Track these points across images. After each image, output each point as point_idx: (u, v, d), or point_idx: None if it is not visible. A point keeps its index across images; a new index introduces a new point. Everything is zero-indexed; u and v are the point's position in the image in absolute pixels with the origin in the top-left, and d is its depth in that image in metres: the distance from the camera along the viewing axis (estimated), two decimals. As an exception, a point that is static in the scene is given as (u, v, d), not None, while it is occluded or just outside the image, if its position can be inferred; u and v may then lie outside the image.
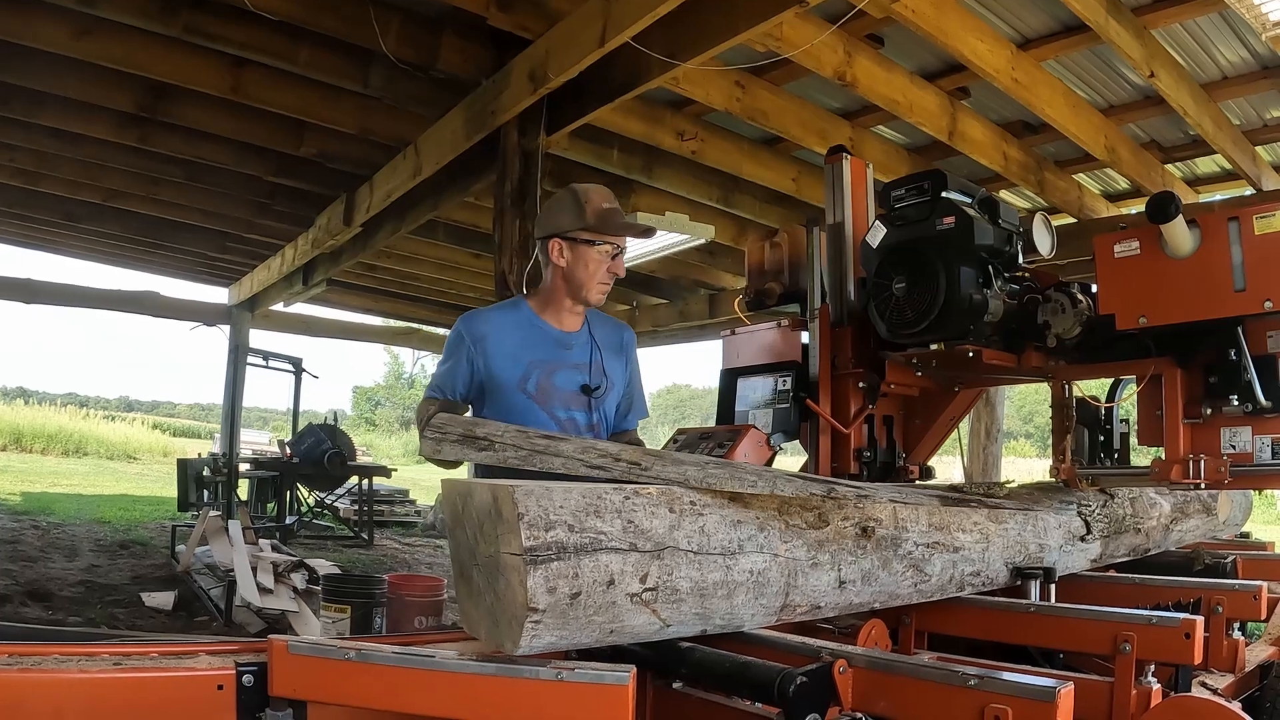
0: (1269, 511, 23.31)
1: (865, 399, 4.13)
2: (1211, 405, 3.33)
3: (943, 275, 3.55)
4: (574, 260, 3.56)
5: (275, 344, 16.36)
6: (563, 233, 3.55)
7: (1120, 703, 2.76)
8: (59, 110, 7.67)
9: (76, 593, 8.40)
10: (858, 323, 4.13)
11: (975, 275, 3.58)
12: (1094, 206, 8.79)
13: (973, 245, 3.58)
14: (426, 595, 6.21)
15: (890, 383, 4.11)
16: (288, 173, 8.99)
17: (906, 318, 3.67)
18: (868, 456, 4.20)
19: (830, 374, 4.14)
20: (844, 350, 4.13)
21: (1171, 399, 3.38)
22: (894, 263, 3.76)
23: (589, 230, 3.52)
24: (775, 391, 4.37)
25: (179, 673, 2.17)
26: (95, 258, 14.06)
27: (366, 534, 14.61)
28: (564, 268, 3.58)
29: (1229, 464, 3.31)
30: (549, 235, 3.60)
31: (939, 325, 3.60)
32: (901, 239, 3.77)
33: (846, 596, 2.80)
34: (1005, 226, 3.73)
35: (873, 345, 4.06)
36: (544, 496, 2.08)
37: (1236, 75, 6.56)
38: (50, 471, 24.05)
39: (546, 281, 3.68)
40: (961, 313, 3.55)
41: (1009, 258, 3.74)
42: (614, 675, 2.03)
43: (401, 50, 6.02)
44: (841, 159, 4.45)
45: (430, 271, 12.86)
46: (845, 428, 4.08)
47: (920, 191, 3.79)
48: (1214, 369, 3.28)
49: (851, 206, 4.40)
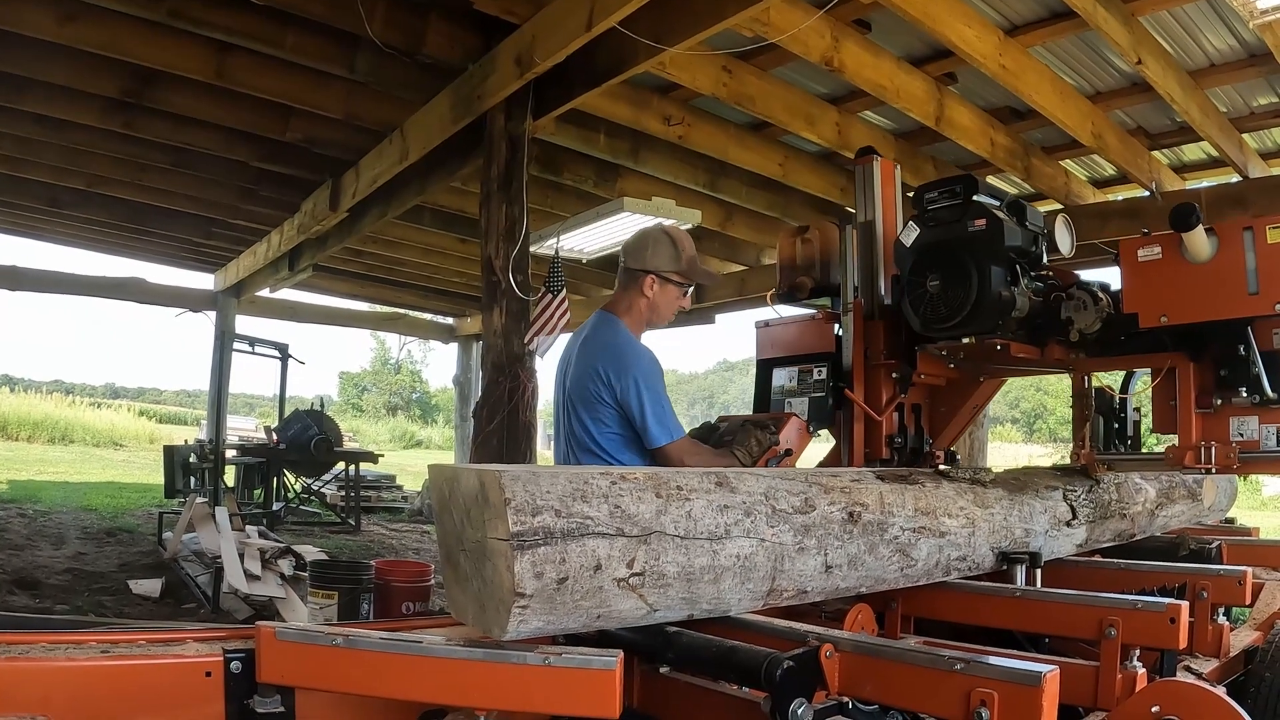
0: (1254, 497, 23.44)
1: (896, 388, 4.32)
2: (1221, 396, 3.58)
3: (975, 274, 3.74)
4: (662, 295, 4.08)
5: (261, 330, 16.29)
6: (659, 271, 4.04)
7: (1105, 687, 2.78)
8: (43, 96, 7.61)
9: (63, 581, 8.38)
10: (889, 316, 4.30)
11: (1004, 274, 3.76)
12: (1080, 193, 8.80)
13: (1002, 246, 3.75)
14: (413, 581, 6.20)
15: (920, 373, 4.27)
16: (273, 158, 8.95)
17: (940, 313, 3.85)
18: (898, 442, 4.36)
19: (863, 364, 4.33)
20: (876, 342, 4.30)
21: (1185, 390, 3.62)
22: (928, 261, 3.92)
23: (680, 274, 4.08)
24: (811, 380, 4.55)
25: (167, 660, 2.17)
26: (80, 244, 13.99)
27: (353, 520, 14.60)
28: (651, 299, 4.07)
29: (1237, 450, 3.53)
30: (645, 270, 4.05)
31: (971, 320, 3.78)
32: (935, 239, 3.93)
33: (833, 581, 2.81)
34: (1031, 228, 3.92)
35: (904, 338, 4.21)
36: (531, 481, 2.08)
37: (1224, 63, 6.57)
38: (36, 459, 23.97)
39: (634, 306, 4.09)
40: (992, 309, 3.73)
41: (1035, 257, 3.93)
42: (601, 660, 2.03)
43: (388, 35, 6.00)
44: (872, 160, 4.59)
45: (416, 256, 12.81)
46: (878, 415, 4.28)
47: (952, 195, 3.95)
48: (1224, 363, 3.51)
49: (882, 206, 4.56)
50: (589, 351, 3.98)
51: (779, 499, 2.63)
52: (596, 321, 4.12)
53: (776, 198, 9.20)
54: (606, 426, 3.86)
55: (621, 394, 3.80)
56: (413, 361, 65.17)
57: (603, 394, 3.84)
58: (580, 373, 3.95)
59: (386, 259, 13.21)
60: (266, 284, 14.02)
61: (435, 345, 32.75)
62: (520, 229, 6.17)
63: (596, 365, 3.87)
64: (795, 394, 4.59)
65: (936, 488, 3.33)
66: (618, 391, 3.81)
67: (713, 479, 2.51)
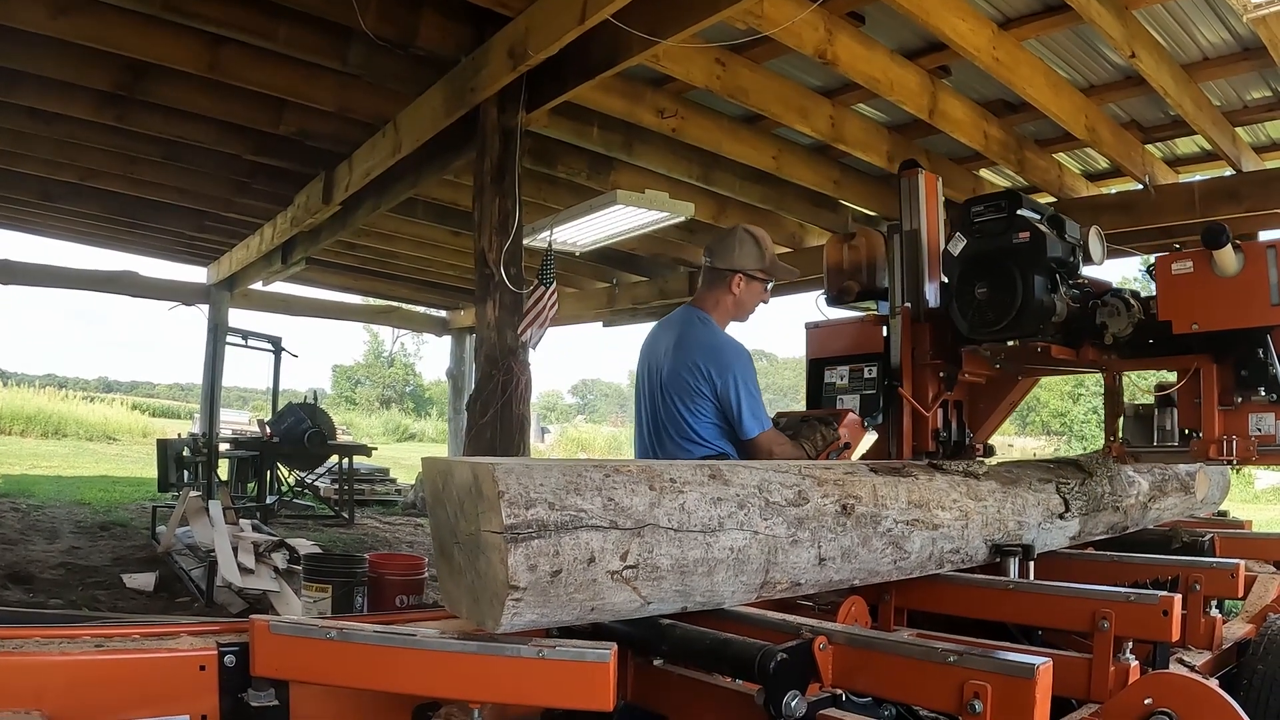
0: (1246, 490, 23.50)
1: (942, 386, 4.68)
2: (1241, 395, 3.89)
3: (1020, 282, 4.08)
4: (748, 293, 4.41)
5: (254, 323, 16.36)
6: (745, 270, 4.36)
7: (1098, 679, 2.80)
8: (36, 89, 7.57)
9: (57, 575, 8.37)
10: (935, 320, 4.65)
11: (1046, 282, 4.09)
12: (1074, 186, 8.81)
13: (1045, 257, 4.08)
14: (407, 574, 6.20)
15: (965, 372, 4.63)
16: (266, 151, 8.92)
17: (988, 318, 4.20)
18: (943, 436, 4.70)
19: (911, 364, 4.67)
20: (923, 344, 4.65)
21: (1208, 389, 3.92)
22: (975, 270, 4.26)
23: (764, 271, 4.41)
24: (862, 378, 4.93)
25: (161, 654, 2.17)
26: (73, 238, 13.91)
27: (347, 513, 14.58)
28: (738, 296, 4.39)
29: (1256, 443, 3.86)
30: (733, 269, 4.36)
31: (1015, 325, 4.12)
32: (982, 250, 4.27)
33: (827, 573, 2.82)
34: (1069, 240, 4.24)
35: (949, 339, 4.55)
36: (524, 474, 2.08)
37: (1217, 56, 6.57)
38: (29, 454, 23.93)
39: (720, 303, 4.41)
40: (1035, 314, 4.07)
41: (1072, 267, 4.24)
42: (595, 653, 2.03)
43: (381, 27, 5.98)
44: (916, 174, 4.92)
45: (409, 250, 12.80)
46: (925, 410, 4.62)
47: (998, 209, 4.27)
48: (1245, 365, 3.83)
49: (926, 216, 4.88)
50: (687, 346, 4.24)
51: (772, 492, 2.63)
52: (686, 317, 4.41)
53: (770, 190, 9.18)
54: (704, 417, 4.15)
55: (721, 389, 4.11)
56: (406, 354, 65.08)
57: (702, 387, 4.13)
58: (678, 366, 4.21)
59: (379, 252, 13.19)
60: (259, 277, 13.98)
61: (428, 338, 32.85)
62: (513, 222, 6.16)
63: (696, 360, 4.16)
64: (846, 391, 4.97)
65: (929, 480, 3.34)
66: (718, 386, 4.11)
67: (706, 472, 2.51)
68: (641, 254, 12.70)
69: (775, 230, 10.97)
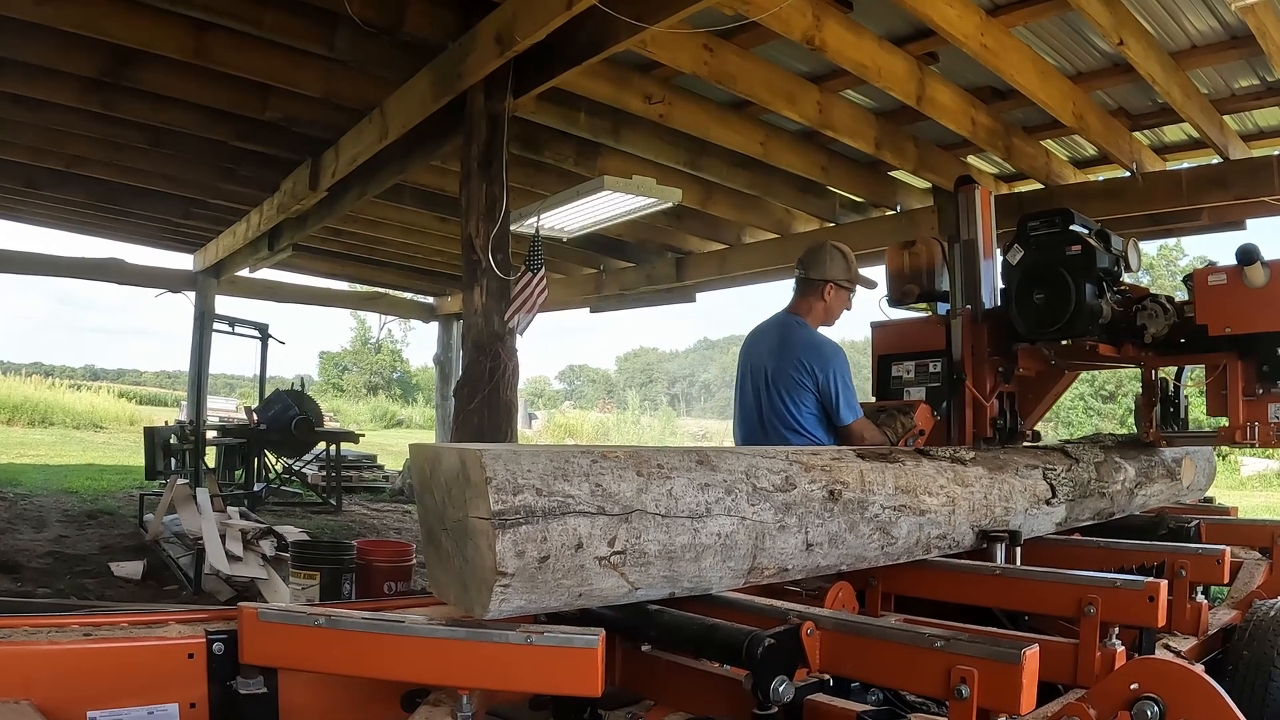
0: (1232, 477, 23.60)
1: (999, 379, 5.32)
2: (1263, 386, 4.56)
3: (1073, 289, 4.74)
4: (836, 300, 5.02)
5: (241, 310, 16.31)
6: (836, 280, 4.98)
7: (1084, 664, 2.81)
8: (20, 76, 7.51)
9: (45, 564, 8.34)
10: (992, 320, 5.31)
11: (1095, 289, 4.75)
12: (1061, 173, 8.81)
13: (1094, 267, 4.76)
14: (395, 560, 6.22)
15: (1021, 366, 5.28)
16: (252, 137, 8.87)
17: (1045, 320, 4.84)
18: (999, 423, 5.28)
19: (971, 359, 5.30)
20: (982, 341, 5.31)
21: (1234, 382, 4.60)
22: (1033, 278, 4.92)
23: (850, 281, 5.04)
24: (928, 372, 5.61)
25: (149, 642, 2.18)
26: (58, 225, 13.83)
27: (334, 500, 14.58)
28: (828, 303, 5.00)
29: (1275, 429, 4.57)
30: (825, 280, 4.97)
31: (1069, 326, 4.78)
32: (1039, 260, 4.92)
33: (814, 559, 2.83)
34: (1114, 252, 4.91)
35: (1004, 337, 5.21)
36: (512, 460, 2.08)
37: (1205, 44, 6.57)
38: (16, 442, 23.83)
39: (813, 309, 5.02)
40: (1086, 317, 4.72)
41: (1116, 275, 4.93)
42: (583, 638, 2.04)
43: (367, 13, 5.95)
44: (973, 189, 5.66)
45: (397, 236, 12.75)
46: (985, 400, 5.24)
47: (1052, 224, 4.95)
48: (1267, 361, 4.50)
49: (982, 227, 5.57)
50: (791, 346, 4.83)
51: (759, 477, 2.64)
52: (785, 322, 5.02)
53: (757, 176, 9.19)
54: (806, 408, 4.73)
55: (824, 382, 4.70)
56: (393, 341, 64.87)
57: (805, 381, 4.72)
58: (784, 363, 4.80)
59: (366, 238, 13.14)
60: (246, 264, 13.90)
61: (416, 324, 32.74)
62: (500, 208, 6.14)
63: (802, 358, 4.75)
64: (913, 384, 5.65)
65: (917, 466, 3.35)
66: (820, 380, 4.71)
67: (693, 457, 2.52)
68: (629, 240, 12.70)
69: (763, 217, 10.98)
